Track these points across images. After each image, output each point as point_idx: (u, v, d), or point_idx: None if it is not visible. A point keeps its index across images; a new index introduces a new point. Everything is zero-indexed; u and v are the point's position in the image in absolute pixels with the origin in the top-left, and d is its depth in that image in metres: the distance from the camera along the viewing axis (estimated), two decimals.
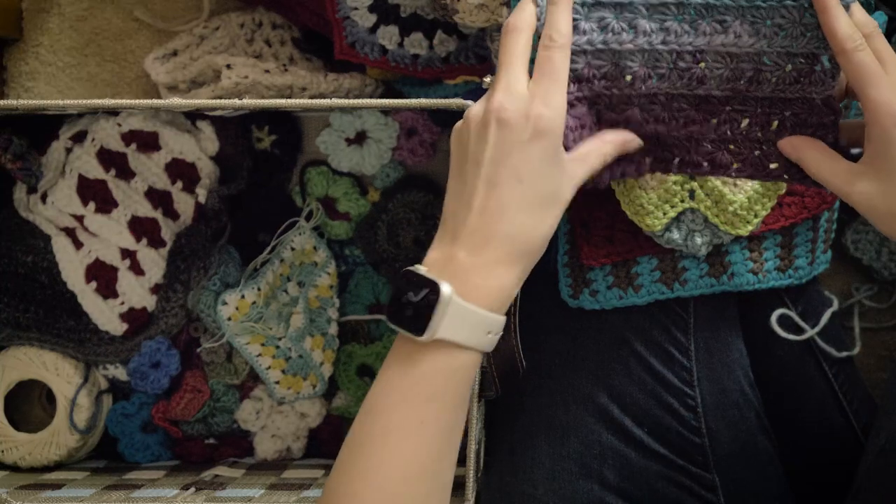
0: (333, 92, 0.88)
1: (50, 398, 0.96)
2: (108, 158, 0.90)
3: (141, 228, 0.91)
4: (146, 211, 0.90)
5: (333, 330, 0.94)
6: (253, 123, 0.94)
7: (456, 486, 0.65)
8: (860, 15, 0.62)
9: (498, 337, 0.63)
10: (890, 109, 0.59)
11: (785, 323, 0.84)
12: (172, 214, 0.91)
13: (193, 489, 0.83)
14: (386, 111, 0.92)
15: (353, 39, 0.85)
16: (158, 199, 0.91)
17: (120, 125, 0.89)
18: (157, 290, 0.91)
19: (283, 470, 0.90)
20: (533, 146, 0.61)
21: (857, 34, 0.60)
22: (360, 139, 0.93)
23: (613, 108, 0.66)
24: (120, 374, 0.93)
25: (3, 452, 0.92)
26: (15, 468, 0.93)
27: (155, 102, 0.77)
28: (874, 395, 0.86)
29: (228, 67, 0.86)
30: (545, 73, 0.62)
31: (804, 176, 0.67)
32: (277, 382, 0.93)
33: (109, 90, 0.97)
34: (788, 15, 0.63)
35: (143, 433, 0.95)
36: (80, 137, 0.90)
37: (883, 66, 0.60)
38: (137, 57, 0.97)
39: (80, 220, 0.90)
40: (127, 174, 0.90)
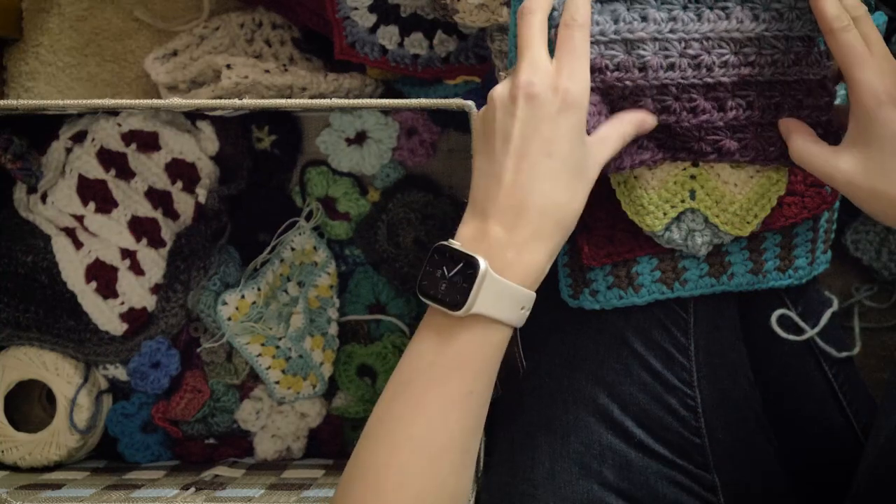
0: (333, 92, 0.88)
1: (50, 398, 0.96)
2: (108, 158, 0.90)
3: (141, 228, 0.91)
4: (146, 211, 0.90)
5: (333, 330, 0.94)
6: (253, 123, 0.94)
7: None
8: None
9: (527, 313, 0.63)
10: (873, 90, 0.61)
11: (785, 323, 0.84)
12: (172, 214, 0.91)
13: (193, 489, 0.83)
14: (386, 111, 0.92)
15: (353, 39, 0.85)
16: (158, 199, 0.91)
17: (120, 125, 0.89)
18: (157, 290, 0.91)
19: (283, 470, 0.90)
20: (562, 119, 0.61)
21: (844, 15, 0.62)
22: (360, 139, 0.93)
23: (626, 99, 0.68)
24: (120, 374, 0.93)
25: (3, 452, 0.92)
26: (15, 468, 0.93)
27: (155, 102, 0.77)
28: (874, 395, 0.86)
29: (228, 67, 0.86)
30: (567, 49, 0.62)
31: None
32: (277, 382, 0.93)
33: (109, 90, 0.97)
34: (784, 0, 0.66)
35: (143, 433, 0.95)
36: (80, 137, 0.90)
37: (870, 48, 0.62)
38: (137, 57, 0.97)
39: (80, 220, 0.90)
40: (127, 174, 0.90)
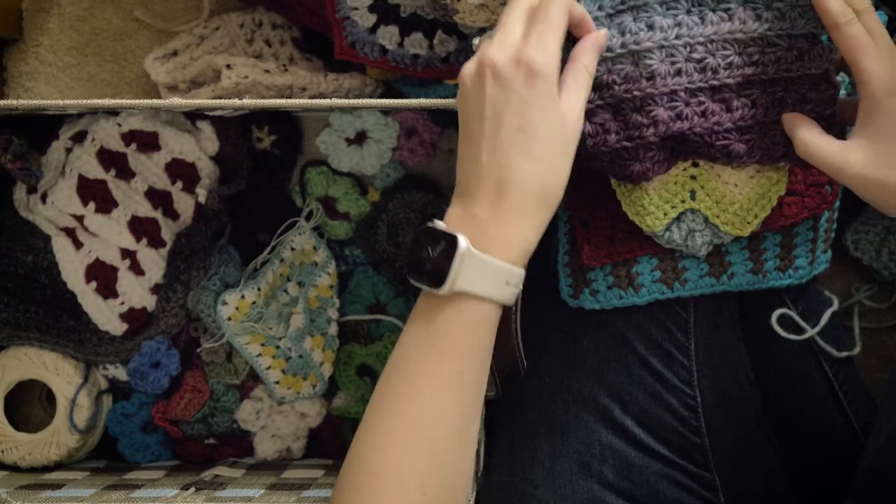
0: (333, 92, 0.88)
1: (50, 398, 0.96)
2: (108, 158, 0.90)
3: (141, 228, 0.91)
4: (146, 211, 0.90)
5: (333, 330, 0.94)
6: (253, 123, 0.94)
7: None
8: None
9: (518, 290, 0.63)
10: (882, 80, 0.61)
11: (785, 322, 0.84)
12: (172, 214, 0.91)
13: (193, 489, 0.83)
14: (386, 111, 0.92)
15: (353, 39, 0.85)
16: (158, 199, 0.91)
17: (120, 125, 0.89)
18: (157, 290, 0.91)
19: (283, 470, 0.90)
20: (529, 91, 0.61)
21: (847, 10, 0.63)
22: (360, 139, 0.93)
23: (639, 110, 0.68)
24: (120, 374, 0.93)
25: (3, 452, 0.92)
26: (15, 468, 0.93)
27: (155, 102, 0.77)
28: (874, 395, 0.86)
29: (228, 67, 0.86)
30: (539, 19, 0.62)
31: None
32: (277, 382, 0.93)
33: (109, 90, 0.97)
34: None
35: (143, 433, 0.95)
36: (80, 137, 0.90)
37: (874, 40, 0.62)
38: (137, 57, 0.97)
39: (80, 220, 0.90)
40: (127, 174, 0.90)
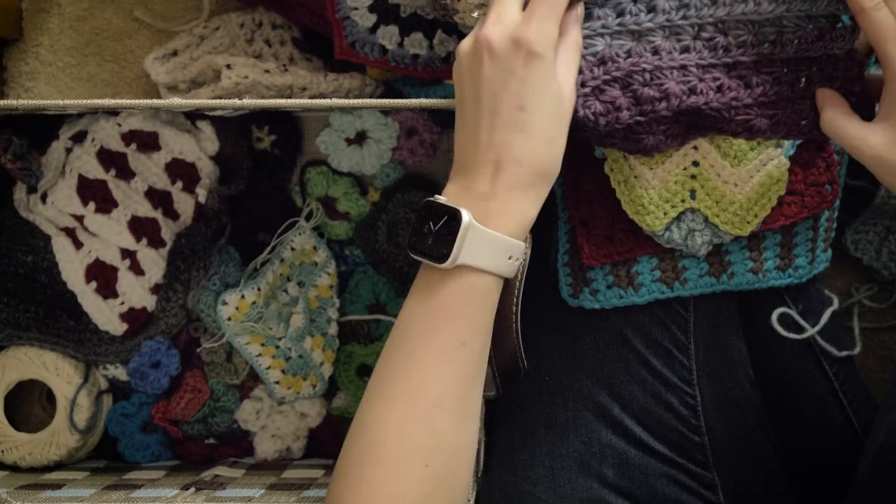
0: (333, 92, 0.88)
1: (50, 398, 0.96)
2: (108, 158, 0.90)
3: (141, 228, 0.91)
4: (146, 211, 0.90)
5: (333, 330, 0.94)
6: (253, 123, 0.94)
7: None
8: None
9: (518, 263, 0.64)
10: None
11: (785, 322, 0.84)
12: (172, 214, 0.91)
13: (193, 489, 0.83)
14: (386, 111, 0.92)
15: (353, 39, 0.85)
16: (158, 199, 0.91)
17: (120, 125, 0.89)
18: (157, 290, 0.91)
19: (283, 470, 0.90)
20: (528, 72, 0.61)
21: None
22: (360, 139, 0.93)
23: (650, 83, 0.66)
24: (120, 374, 0.93)
25: (3, 452, 0.92)
26: (15, 468, 0.93)
27: (155, 102, 0.77)
28: (874, 394, 0.86)
29: (228, 67, 0.86)
30: (541, 1, 0.62)
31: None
32: (277, 382, 0.93)
33: (109, 90, 0.97)
34: None
35: (143, 433, 0.94)
36: (80, 137, 0.90)
37: None
38: (137, 57, 0.97)
39: (80, 220, 0.90)
40: (127, 174, 0.90)
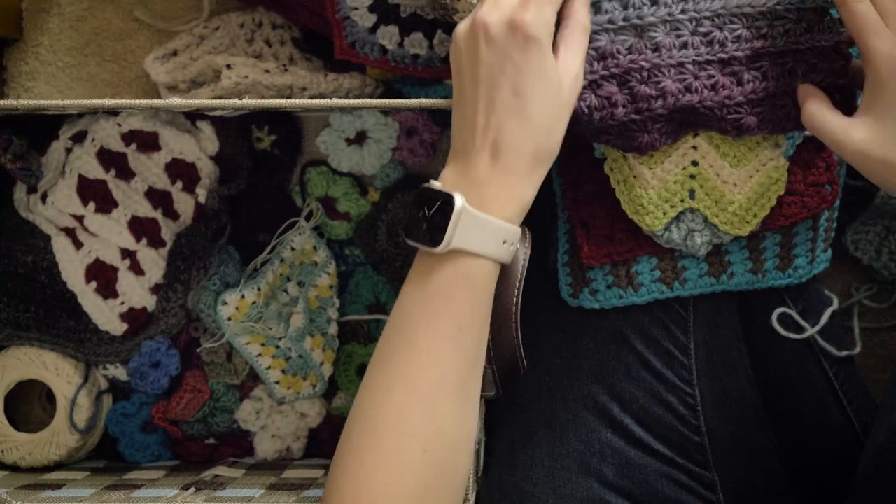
0: (333, 92, 0.88)
1: (50, 398, 0.96)
2: (108, 158, 0.90)
3: (141, 228, 0.91)
4: (146, 211, 0.90)
5: (333, 330, 0.94)
6: (253, 123, 0.94)
7: None
8: None
9: (514, 249, 0.64)
10: (889, 59, 0.61)
11: (785, 321, 0.84)
12: (172, 214, 0.91)
13: (193, 489, 0.83)
14: (386, 111, 0.92)
15: (353, 39, 0.85)
16: (158, 199, 0.91)
17: (120, 125, 0.89)
18: (157, 290, 0.91)
19: (283, 470, 0.90)
20: (524, 57, 0.61)
21: None
22: (360, 139, 0.93)
23: (647, 81, 0.68)
24: (120, 374, 0.93)
25: (3, 452, 0.92)
26: (15, 468, 0.93)
27: (155, 102, 0.77)
28: (874, 394, 0.86)
29: (228, 67, 0.86)
30: None
31: None
32: (277, 382, 0.93)
33: (109, 90, 0.97)
34: None
35: (143, 433, 0.94)
36: (80, 137, 0.90)
37: (885, 19, 0.62)
38: (137, 57, 0.97)
39: (80, 220, 0.90)
40: (127, 174, 0.90)
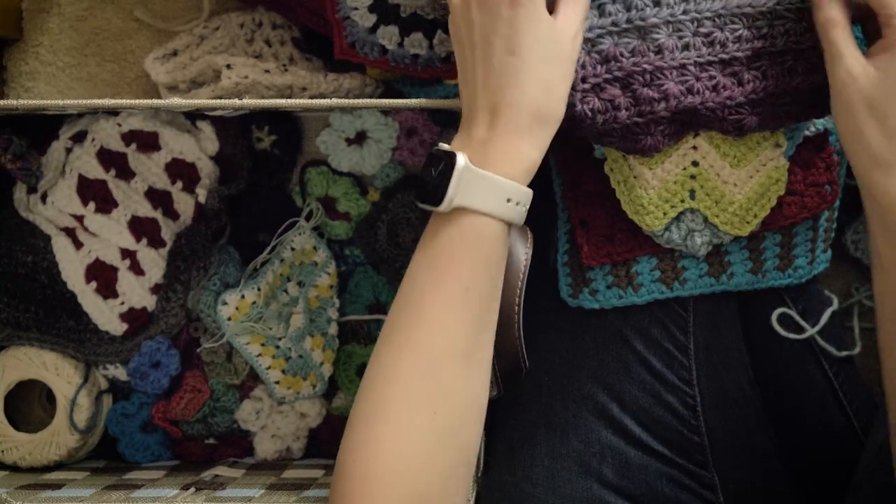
0: (333, 92, 0.88)
1: (50, 398, 0.96)
2: (108, 158, 0.90)
3: (141, 228, 0.91)
4: (146, 211, 0.90)
5: (333, 330, 0.94)
6: (253, 123, 0.94)
7: None
8: None
9: (522, 210, 0.64)
10: None
11: (785, 322, 0.84)
12: (172, 214, 0.91)
13: (193, 489, 0.83)
14: (386, 111, 0.92)
15: (353, 39, 0.85)
16: (158, 199, 0.91)
17: (120, 125, 0.89)
18: (157, 290, 0.91)
19: (283, 470, 0.90)
20: (514, 15, 0.62)
21: None
22: (360, 139, 0.93)
23: (649, 84, 0.68)
24: (120, 374, 0.93)
25: (3, 452, 0.92)
26: (15, 468, 0.93)
27: (155, 102, 0.77)
28: (874, 394, 0.86)
29: (228, 67, 0.86)
30: None
31: (813, 110, 0.70)
32: (277, 382, 0.93)
33: (109, 90, 0.97)
34: None
35: (143, 433, 0.95)
36: (80, 137, 0.90)
37: None
38: (137, 57, 0.97)
39: (80, 220, 0.90)
40: (127, 174, 0.90)
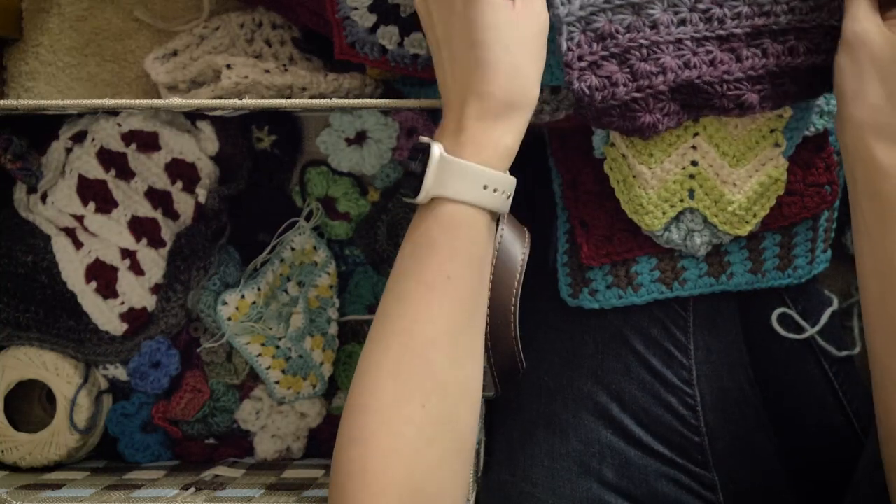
0: (333, 92, 0.88)
1: (50, 398, 0.96)
2: (108, 158, 0.90)
3: (141, 228, 0.91)
4: (146, 211, 0.90)
5: (333, 330, 0.94)
6: (253, 123, 0.94)
7: None
8: None
9: (503, 197, 0.64)
10: None
11: (785, 322, 0.84)
12: (172, 214, 0.91)
13: (193, 489, 0.83)
14: (386, 111, 0.92)
15: (353, 39, 0.85)
16: (158, 199, 0.91)
17: (120, 125, 0.89)
18: (157, 290, 0.91)
19: (283, 470, 0.90)
20: (469, 10, 0.62)
21: None
22: (360, 139, 0.93)
23: (647, 59, 0.68)
24: (120, 374, 0.93)
25: (3, 452, 0.92)
26: (15, 468, 0.93)
27: (155, 102, 0.77)
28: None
29: (228, 67, 0.86)
30: None
31: (810, 89, 0.70)
32: (277, 382, 0.93)
33: (109, 90, 0.97)
34: None
35: (143, 433, 0.95)
36: (80, 137, 0.90)
37: None
38: (137, 57, 0.97)
39: (80, 220, 0.90)
40: (127, 174, 0.90)
